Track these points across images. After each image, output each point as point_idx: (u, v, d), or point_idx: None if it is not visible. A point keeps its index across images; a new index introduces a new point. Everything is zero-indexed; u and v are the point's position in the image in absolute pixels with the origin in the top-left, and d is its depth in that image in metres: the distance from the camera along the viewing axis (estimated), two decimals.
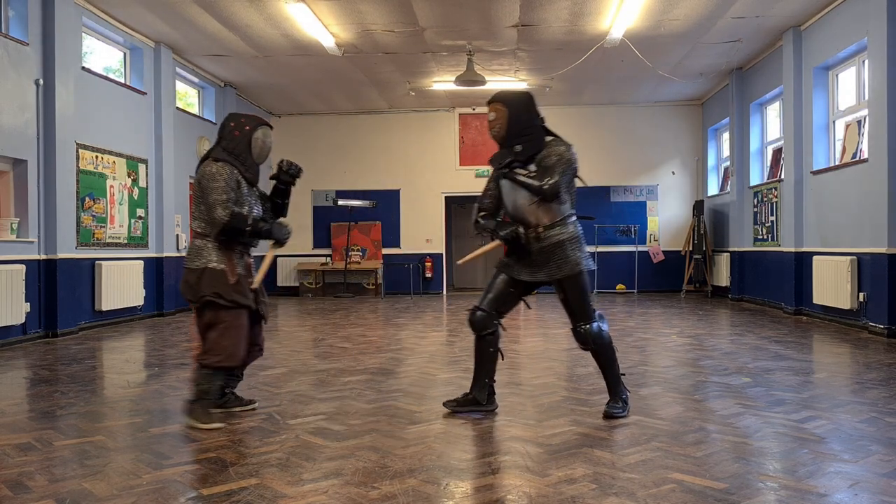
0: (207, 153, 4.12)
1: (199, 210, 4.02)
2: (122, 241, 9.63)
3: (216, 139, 4.15)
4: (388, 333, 8.20)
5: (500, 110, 3.98)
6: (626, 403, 4.06)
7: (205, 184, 3.95)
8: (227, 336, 3.90)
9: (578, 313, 3.98)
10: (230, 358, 3.91)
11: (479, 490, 2.87)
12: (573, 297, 3.97)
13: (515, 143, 3.96)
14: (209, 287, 3.89)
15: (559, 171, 3.87)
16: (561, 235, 3.97)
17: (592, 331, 3.97)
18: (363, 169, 15.12)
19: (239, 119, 4.12)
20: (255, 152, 4.09)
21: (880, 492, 2.81)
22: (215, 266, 3.93)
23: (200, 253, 3.98)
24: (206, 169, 4.00)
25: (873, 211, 7.65)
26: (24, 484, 2.97)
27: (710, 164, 14.42)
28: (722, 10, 8.99)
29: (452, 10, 9.01)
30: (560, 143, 3.98)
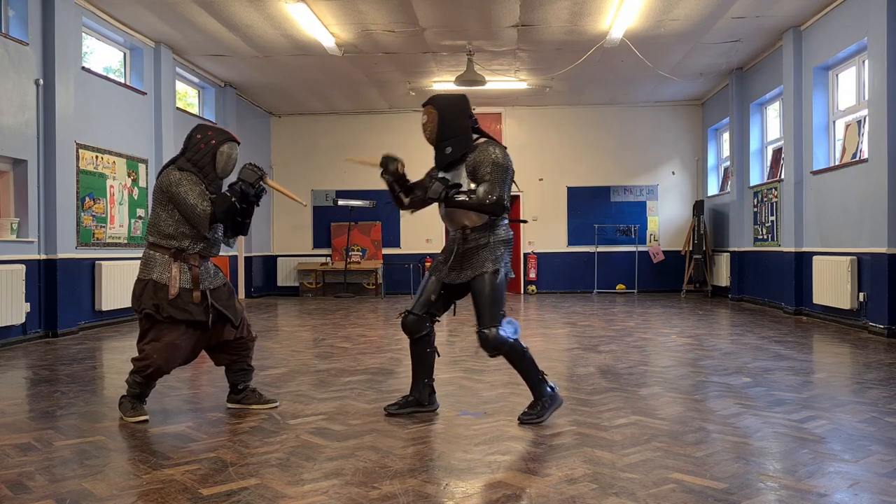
0: (170, 162, 4.11)
1: (158, 217, 4.02)
2: (122, 241, 9.63)
3: (181, 149, 4.12)
4: (388, 333, 8.20)
5: (431, 113, 3.98)
6: (544, 408, 3.89)
7: (173, 191, 3.95)
8: (157, 349, 3.96)
9: (482, 316, 3.83)
10: (159, 370, 3.99)
11: (479, 490, 2.87)
12: (479, 298, 3.85)
13: (445, 144, 3.96)
14: (149, 299, 3.95)
15: (498, 182, 3.82)
16: (484, 239, 3.90)
17: (493, 336, 3.79)
18: (363, 169, 15.09)
19: (206, 131, 4.10)
20: (219, 167, 4.09)
21: (880, 492, 2.81)
22: (157, 279, 3.96)
23: (147, 264, 4.02)
24: (169, 177, 3.98)
25: (873, 211, 7.65)
26: (24, 484, 2.97)
27: (710, 164, 14.42)
28: (722, 10, 8.99)
29: (452, 10, 9.01)
30: (492, 146, 3.92)
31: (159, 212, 4.01)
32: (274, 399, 4.46)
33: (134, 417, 4.00)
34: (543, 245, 14.79)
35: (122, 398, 4.10)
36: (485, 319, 3.82)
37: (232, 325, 4.20)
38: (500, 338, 3.81)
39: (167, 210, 4.00)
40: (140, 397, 4.07)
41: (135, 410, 4.02)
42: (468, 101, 4.09)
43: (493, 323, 3.81)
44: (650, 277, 14.66)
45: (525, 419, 3.90)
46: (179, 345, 4.01)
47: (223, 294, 4.19)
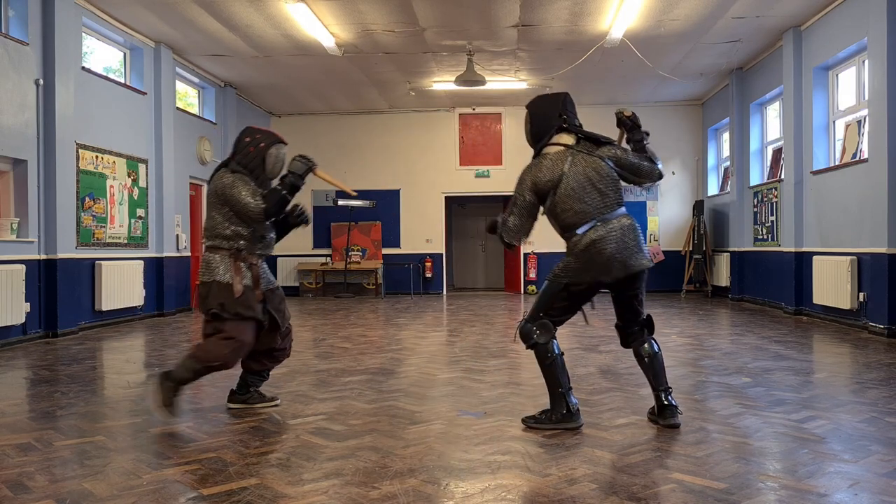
0: (221, 164, 4.21)
1: (213, 220, 4.09)
2: (122, 241, 9.63)
3: (231, 152, 4.21)
4: (388, 333, 8.20)
5: (526, 116, 4.00)
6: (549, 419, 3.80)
7: (227, 192, 4.02)
8: (227, 345, 3.98)
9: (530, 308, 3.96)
10: (224, 365, 4.01)
11: (479, 490, 2.87)
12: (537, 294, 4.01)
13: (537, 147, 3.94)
14: (214, 300, 4.00)
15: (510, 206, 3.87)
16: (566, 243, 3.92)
17: (523, 326, 3.89)
18: (363, 169, 15.12)
19: (255, 134, 4.19)
20: (268, 169, 4.18)
21: (880, 492, 2.81)
22: (221, 279, 4.02)
23: (209, 266, 4.07)
24: (223, 180, 4.08)
25: (873, 211, 7.65)
26: (24, 484, 2.97)
27: (710, 164, 14.42)
28: (722, 10, 8.99)
29: (452, 10, 9.01)
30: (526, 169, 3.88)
31: (214, 215, 4.09)
32: (276, 396, 4.48)
33: (164, 412, 3.94)
34: (544, 245, 14.78)
35: (165, 380, 3.97)
36: (528, 311, 3.94)
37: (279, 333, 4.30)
38: (524, 329, 3.87)
39: (222, 213, 4.07)
40: (184, 383, 4.00)
41: (171, 403, 3.96)
42: (562, 100, 3.97)
43: (530, 317, 3.89)
44: (650, 277, 14.52)
45: (526, 419, 3.89)
46: (244, 342, 4.04)
47: (276, 298, 4.29)
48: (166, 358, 6.48)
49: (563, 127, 3.89)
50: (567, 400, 3.81)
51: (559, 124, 3.89)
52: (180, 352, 6.89)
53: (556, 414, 3.81)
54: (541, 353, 3.85)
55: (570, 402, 3.82)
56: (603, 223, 3.77)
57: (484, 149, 15.08)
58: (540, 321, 3.86)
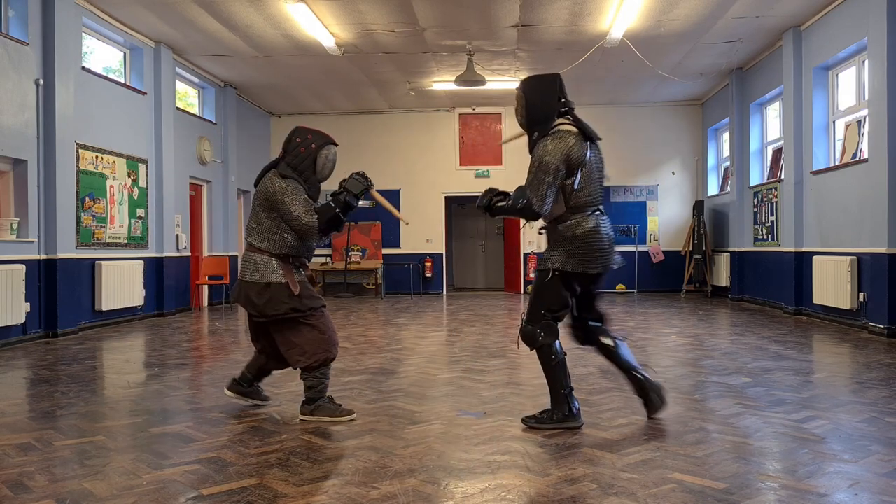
0: (270, 165, 4.14)
1: (262, 224, 4.03)
2: (122, 241, 9.63)
3: (280, 152, 4.13)
4: (388, 333, 8.20)
5: (519, 97, 3.88)
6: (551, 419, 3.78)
7: (278, 200, 3.95)
8: (321, 332, 3.99)
9: (528, 308, 3.86)
10: (331, 349, 4.01)
11: (479, 490, 2.87)
12: (531, 292, 3.90)
13: (533, 129, 3.81)
14: (281, 304, 3.94)
15: (535, 183, 3.64)
16: (555, 234, 3.85)
17: (525, 330, 3.81)
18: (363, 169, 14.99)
19: (306, 135, 4.11)
20: (319, 170, 4.12)
21: (880, 492, 2.81)
22: (279, 280, 3.96)
23: (260, 268, 4.00)
24: (273, 185, 3.99)
25: (873, 211, 7.65)
26: (24, 484, 2.97)
27: (710, 164, 14.42)
28: (722, 10, 8.99)
29: (452, 10, 9.01)
30: (550, 138, 3.69)
31: (262, 218, 4.03)
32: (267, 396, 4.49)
33: (347, 416, 4.01)
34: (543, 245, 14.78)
35: (316, 404, 4.02)
36: (527, 312, 3.85)
37: None
38: (527, 332, 3.81)
39: (271, 217, 4.01)
40: (324, 392, 4.04)
41: (341, 409, 4.04)
42: (558, 83, 3.87)
43: (529, 319, 3.81)
44: (650, 277, 14.66)
45: (527, 419, 3.87)
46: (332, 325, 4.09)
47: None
48: (166, 358, 6.48)
49: (563, 111, 3.85)
50: (569, 402, 3.80)
51: (560, 108, 3.84)
52: (180, 352, 6.89)
53: (558, 414, 3.79)
54: (545, 355, 3.80)
55: (573, 404, 3.81)
56: (601, 213, 3.87)
57: (484, 149, 15.08)
58: (543, 321, 3.80)
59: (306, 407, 4.03)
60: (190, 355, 6.73)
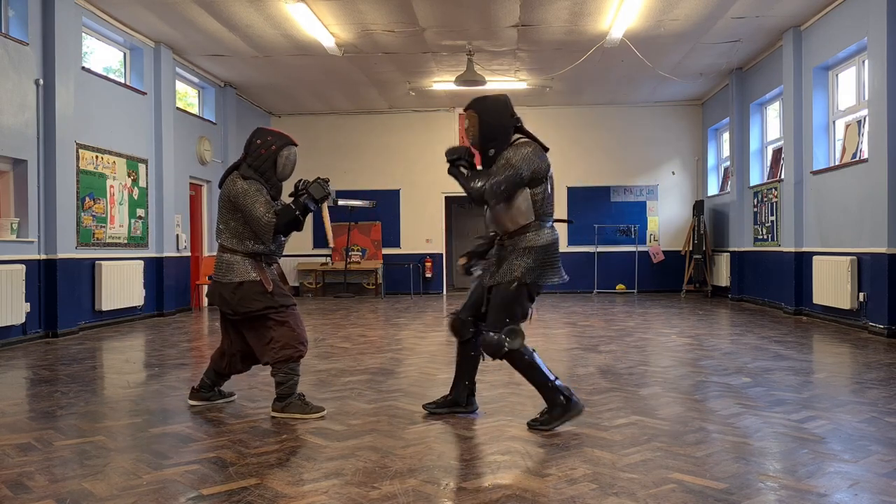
0: (232, 168, 4.21)
1: (228, 225, 4.12)
2: (122, 241, 9.63)
3: (242, 154, 4.21)
4: (388, 333, 8.20)
5: (472, 117, 3.96)
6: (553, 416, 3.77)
7: (240, 202, 4.05)
8: (291, 329, 4.07)
9: (488, 319, 3.86)
10: (300, 346, 4.09)
11: (479, 490, 2.87)
12: (493, 303, 3.86)
13: (489, 147, 3.93)
14: (255, 302, 4.04)
15: (497, 175, 3.76)
16: (518, 243, 3.85)
17: (488, 340, 3.79)
18: (363, 169, 15.12)
19: (266, 136, 4.18)
20: (279, 171, 4.19)
21: (880, 492, 2.81)
22: (253, 278, 4.06)
23: (233, 268, 4.09)
24: (235, 187, 4.08)
25: (873, 211, 7.65)
26: (24, 484, 2.97)
27: (710, 164, 14.42)
28: (722, 10, 8.99)
29: (452, 10, 9.01)
30: (519, 147, 3.83)
31: (229, 219, 4.12)
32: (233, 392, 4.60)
33: (317, 413, 4.07)
34: None
35: (287, 401, 4.08)
36: (488, 323, 3.85)
37: None
38: (491, 342, 3.79)
39: (236, 218, 4.10)
40: (294, 389, 4.10)
41: (310, 406, 4.10)
42: (509, 101, 4.02)
43: (494, 328, 3.80)
44: (650, 277, 14.66)
45: (532, 424, 3.83)
46: (300, 319, 4.17)
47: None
48: (166, 358, 6.48)
49: (517, 127, 3.96)
50: (559, 390, 3.81)
51: (514, 124, 3.95)
52: (180, 352, 6.89)
53: (556, 408, 3.79)
54: (515, 358, 3.81)
55: (563, 390, 3.82)
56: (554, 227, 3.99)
57: None
58: (508, 327, 3.79)
59: (277, 404, 4.11)
60: (190, 355, 6.73)
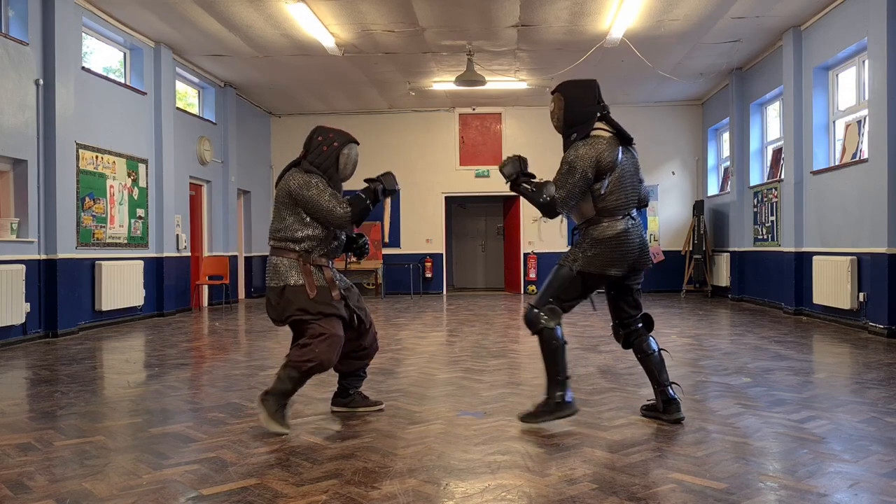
0: (292, 164, 4.03)
1: (284, 222, 3.90)
2: (122, 241, 9.63)
3: (302, 152, 4.03)
4: (388, 333, 8.20)
5: (558, 100, 3.92)
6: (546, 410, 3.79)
7: (304, 194, 3.83)
8: (320, 344, 3.77)
9: (538, 294, 3.91)
10: (321, 365, 3.78)
11: (479, 490, 2.87)
12: (547, 279, 3.95)
13: (571, 131, 3.86)
14: (292, 305, 3.82)
15: (560, 182, 3.73)
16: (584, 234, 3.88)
17: (528, 312, 3.86)
18: (363, 169, 14.89)
19: (327, 134, 4.03)
20: (341, 170, 4.04)
21: (880, 492, 2.81)
22: (294, 282, 3.84)
23: (278, 271, 3.89)
24: (297, 180, 3.87)
25: (873, 211, 7.65)
26: (24, 484, 2.97)
27: (710, 164, 14.42)
28: (722, 10, 8.99)
29: (452, 10, 9.01)
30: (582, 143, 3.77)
31: (286, 215, 3.90)
32: (380, 401, 4.35)
33: (276, 427, 3.74)
34: (543, 245, 14.79)
35: (268, 395, 3.79)
36: (536, 297, 3.90)
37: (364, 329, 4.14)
38: (530, 315, 3.84)
39: (295, 213, 3.88)
40: (286, 395, 3.81)
41: (279, 416, 3.77)
42: (597, 87, 3.94)
43: (537, 303, 3.86)
44: (650, 277, 14.58)
45: (523, 416, 3.86)
46: (336, 335, 3.83)
47: (354, 296, 4.10)
48: (166, 358, 6.48)
49: (602, 115, 3.89)
50: (564, 388, 3.81)
51: (599, 111, 3.88)
52: (180, 352, 6.89)
53: (552, 402, 3.79)
54: (546, 338, 3.81)
55: (567, 391, 3.82)
56: (631, 216, 3.91)
57: (484, 149, 15.08)
58: (548, 306, 3.84)
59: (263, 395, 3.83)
60: (190, 355, 6.73)
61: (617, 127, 3.89)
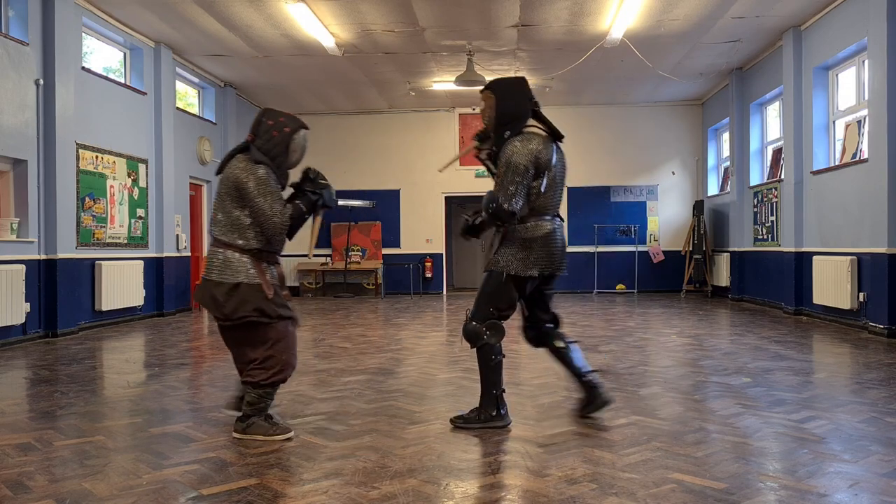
0: (239, 149, 3.74)
1: (230, 216, 3.66)
2: (122, 241, 9.63)
3: (249, 135, 3.74)
4: (388, 333, 8.20)
5: (488, 98, 3.87)
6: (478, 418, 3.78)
7: (252, 193, 3.58)
8: (282, 349, 3.66)
9: (474, 305, 3.84)
10: (286, 370, 3.68)
11: (479, 490, 2.87)
12: (480, 290, 3.88)
13: (503, 129, 3.79)
14: (248, 305, 3.58)
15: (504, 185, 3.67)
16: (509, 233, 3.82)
17: (470, 328, 3.79)
18: (363, 169, 15.12)
19: (277, 118, 3.75)
20: (291, 156, 3.77)
21: (880, 492, 2.81)
22: (250, 281, 3.61)
23: (230, 265, 3.62)
24: (246, 173, 3.60)
25: (873, 211, 7.65)
26: (24, 484, 2.97)
27: (710, 164, 14.42)
28: (722, 10, 8.99)
29: (452, 10, 9.01)
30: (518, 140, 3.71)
31: (231, 209, 3.64)
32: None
33: (283, 435, 3.63)
34: None
35: (251, 421, 3.65)
36: (473, 309, 3.84)
37: None
38: (471, 329, 3.79)
39: (241, 207, 3.64)
40: (264, 410, 3.68)
41: (277, 427, 3.66)
42: (527, 84, 3.89)
43: (475, 316, 3.81)
44: (650, 277, 14.66)
45: (455, 417, 3.86)
46: (294, 335, 3.75)
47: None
48: (166, 358, 6.48)
49: (535, 112, 3.86)
50: (500, 403, 3.81)
51: (531, 108, 3.85)
52: (180, 352, 6.89)
53: (485, 413, 3.79)
54: (486, 354, 3.78)
55: (501, 406, 3.81)
56: (559, 217, 3.93)
57: None
58: (491, 321, 3.79)
59: (239, 424, 3.68)
60: (190, 355, 6.73)
61: (548, 124, 3.85)
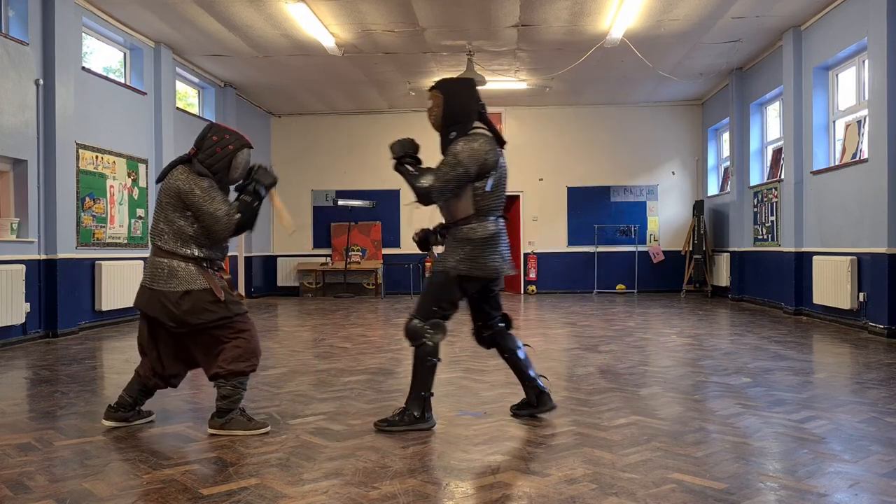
0: (179, 161, 3.83)
1: (172, 225, 3.73)
2: (122, 241, 9.63)
3: (192, 149, 3.85)
4: (388, 333, 8.20)
5: (436, 97, 3.89)
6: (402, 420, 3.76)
7: (195, 199, 3.68)
8: (247, 342, 3.78)
9: (417, 304, 3.84)
10: (255, 358, 3.81)
11: (479, 490, 2.87)
12: (424, 289, 3.90)
13: (450, 130, 3.82)
14: (208, 313, 3.69)
15: (441, 173, 3.69)
16: (455, 234, 3.82)
17: (410, 323, 3.79)
18: (363, 169, 15.12)
19: (223, 135, 3.84)
20: (233, 173, 3.86)
21: (880, 492, 2.81)
22: (200, 287, 3.70)
23: (176, 274, 3.70)
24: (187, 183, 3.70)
25: (873, 211, 7.65)
26: (24, 484, 2.97)
27: (710, 164, 14.42)
28: (722, 10, 8.99)
29: (452, 10, 9.01)
30: (467, 140, 3.73)
31: (174, 218, 3.72)
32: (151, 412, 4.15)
33: (261, 429, 3.74)
34: (543, 245, 14.80)
35: (228, 416, 3.73)
36: (416, 307, 3.83)
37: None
38: (413, 327, 3.78)
39: (184, 217, 3.72)
40: (237, 404, 3.77)
41: (254, 422, 3.77)
42: (475, 86, 3.93)
43: (417, 314, 3.80)
44: (650, 277, 14.66)
45: (379, 421, 3.83)
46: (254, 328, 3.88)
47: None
48: None
49: (481, 114, 3.88)
50: (426, 405, 3.80)
51: (478, 110, 3.87)
52: None
53: (410, 415, 3.77)
54: (423, 354, 3.76)
55: (428, 408, 3.80)
56: (503, 218, 3.94)
57: None
58: (433, 320, 3.79)
59: (217, 420, 3.74)
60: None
61: (492, 128, 3.88)
